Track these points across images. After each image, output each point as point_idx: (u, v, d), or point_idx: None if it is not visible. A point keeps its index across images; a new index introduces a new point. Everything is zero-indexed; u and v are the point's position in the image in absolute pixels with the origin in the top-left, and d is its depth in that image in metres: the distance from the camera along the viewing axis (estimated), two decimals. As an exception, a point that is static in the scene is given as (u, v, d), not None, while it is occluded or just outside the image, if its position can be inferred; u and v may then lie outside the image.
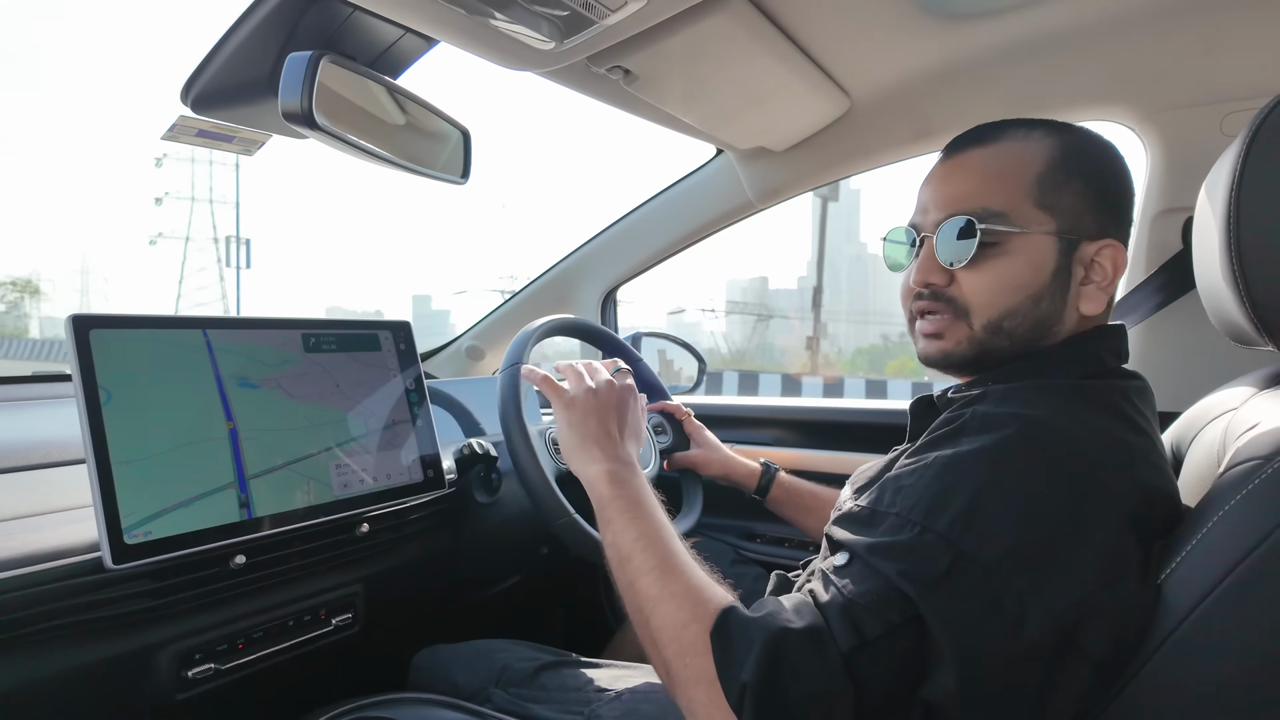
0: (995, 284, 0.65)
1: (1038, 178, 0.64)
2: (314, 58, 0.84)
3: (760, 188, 1.45)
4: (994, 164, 0.67)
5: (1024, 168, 0.65)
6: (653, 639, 0.60)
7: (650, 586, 0.62)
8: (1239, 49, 1.00)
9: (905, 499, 0.56)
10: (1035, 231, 0.64)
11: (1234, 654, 0.47)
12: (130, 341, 0.73)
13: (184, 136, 1.03)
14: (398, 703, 0.83)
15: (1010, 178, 0.65)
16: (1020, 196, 0.64)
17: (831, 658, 0.50)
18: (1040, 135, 0.66)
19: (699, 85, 1.09)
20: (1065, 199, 0.64)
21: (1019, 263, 0.64)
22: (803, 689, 0.50)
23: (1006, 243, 0.64)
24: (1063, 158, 0.65)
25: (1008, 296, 0.65)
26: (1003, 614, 0.49)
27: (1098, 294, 0.65)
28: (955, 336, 0.68)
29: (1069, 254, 0.65)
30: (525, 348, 1.08)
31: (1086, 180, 0.65)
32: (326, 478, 0.84)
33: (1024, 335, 0.66)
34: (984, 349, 0.67)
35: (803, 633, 0.51)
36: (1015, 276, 0.64)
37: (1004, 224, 0.64)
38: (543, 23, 0.82)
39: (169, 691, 0.76)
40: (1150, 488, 0.56)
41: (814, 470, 1.40)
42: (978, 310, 0.66)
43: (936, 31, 1.05)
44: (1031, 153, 0.65)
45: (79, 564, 0.67)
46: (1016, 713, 0.50)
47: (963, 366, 0.70)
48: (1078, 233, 0.64)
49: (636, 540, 0.66)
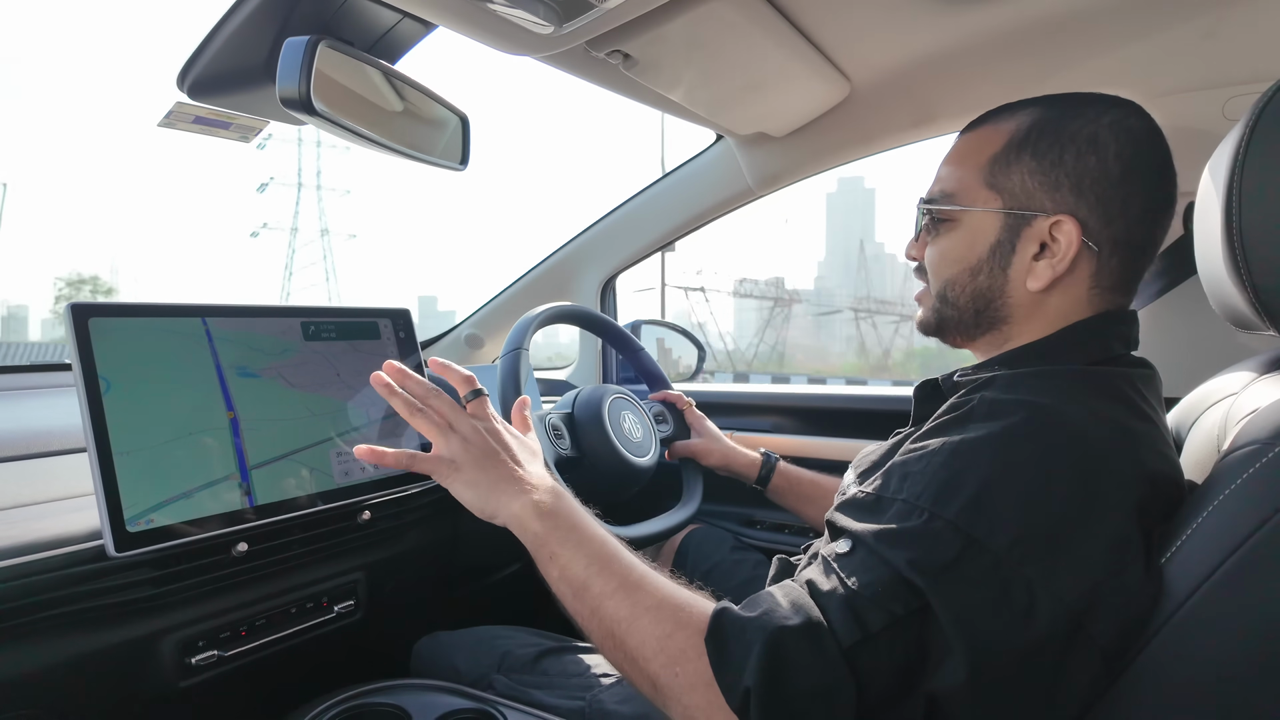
0: (938, 256, 0.72)
1: (991, 158, 0.68)
2: (311, 42, 0.83)
3: (760, 174, 1.44)
4: (965, 148, 0.71)
5: (983, 149, 0.69)
6: (631, 657, 0.57)
7: (619, 608, 0.58)
8: (1241, 33, 1.00)
9: (913, 485, 0.56)
10: (978, 209, 0.68)
11: (1234, 636, 0.47)
12: (130, 330, 0.72)
13: (180, 124, 1.02)
14: (400, 689, 0.83)
15: (968, 160, 0.70)
16: (972, 177, 0.69)
17: (830, 652, 0.50)
18: (1024, 114, 0.68)
19: (699, 70, 1.09)
20: (1014, 178, 0.66)
21: (959, 237, 0.70)
22: (804, 686, 0.49)
23: (956, 219, 0.70)
24: (1023, 137, 0.66)
25: (947, 268, 0.71)
26: (1012, 603, 0.49)
27: (1044, 270, 0.65)
28: (926, 304, 0.75)
29: (1015, 230, 0.66)
30: (526, 334, 1.08)
31: (1040, 157, 0.65)
32: (328, 466, 0.84)
33: (967, 305, 0.71)
34: (940, 315, 0.73)
35: (800, 629, 0.51)
36: (952, 250, 0.70)
37: (950, 203, 0.70)
38: (541, 6, 0.81)
39: (172, 678, 0.77)
40: (1156, 474, 0.56)
41: (813, 457, 1.41)
42: (931, 282, 0.74)
43: (937, 15, 1.04)
44: (996, 134, 0.68)
45: (81, 552, 0.68)
46: (1026, 703, 0.50)
47: (933, 332, 0.76)
48: (1029, 209, 0.66)
49: (589, 566, 0.62)
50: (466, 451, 0.69)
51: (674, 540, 1.29)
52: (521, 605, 1.44)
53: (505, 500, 0.67)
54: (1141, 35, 1.05)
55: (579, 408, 1.19)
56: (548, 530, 0.65)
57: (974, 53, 1.13)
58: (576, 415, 1.18)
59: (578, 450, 1.15)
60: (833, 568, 0.55)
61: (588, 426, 1.15)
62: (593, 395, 1.20)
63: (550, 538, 0.64)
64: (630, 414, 1.22)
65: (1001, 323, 0.70)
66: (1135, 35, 1.05)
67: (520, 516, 0.66)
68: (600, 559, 0.62)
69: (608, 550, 0.63)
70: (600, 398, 1.19)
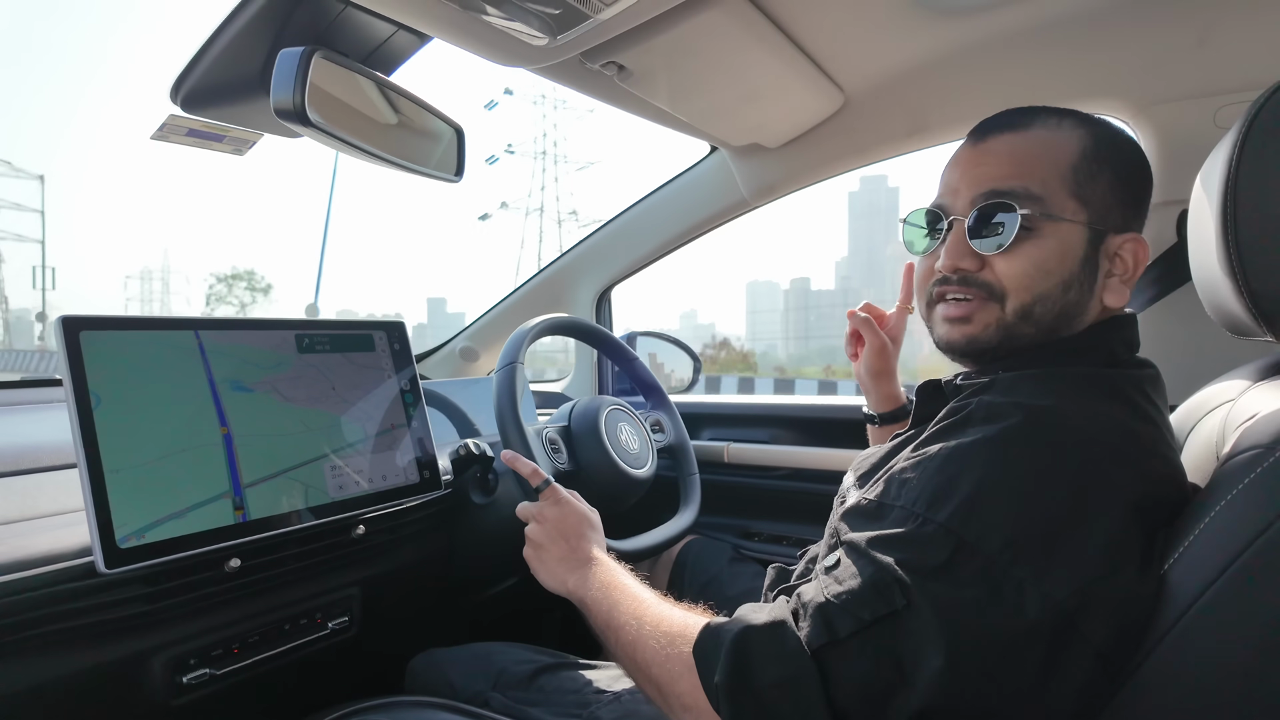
0: (1031, 267, 0.64)
1: (1072, 167, 0.64)
2: (306, 54, 0.83)
3: (755, 185, 1.45)
4: (1029, 149, 0.66)
5: (1060, 155, 0.65)
6: (650, 679, 0.63)
7: (632, 634, 0.66)
8: (1231, 41, 1.00)
9: (909, 492, 0.56)
10: (1069, 219, 0.64)
11: (1238, 642, 0.46)
12: (121, 343, 0.72)
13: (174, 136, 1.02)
14: (395, 706, 0.82)
15: (1046, 164, 0.64)
16: (1056, 183, 0.64)
17: (791, 645, 0.53)
18: (1071, 125, 0.66)
19: (693, 81, 1.09)
20: (1098, 190, 0.64)
21: (1052, 248, 0.64)
22: (767, 677, 0.53)
23: (1041, 228, 0.64)
24: (1094, 149, 0.65)
25: (1041, 281, 0.64)
26: (1002, 602, 0.49)
27: (1120, 286, 0.66)
28: (984, 320, 0.66)
29: (1096, 245, 0.65)
30: (521, 347, 1.08)
31: (1116, 173, 0.65)
32: (322, 480, 0.83)
33: (1049, 323, 0.65)
34: (1010, 334, 0.66)
35: (764, 627, 0.55)
36: (1048, 261, 0.64)
37: (1041, 209, 0.63)
38: (536, 18, 0.82)
39: (164, 697, 0.75)
40: (1157, 477, 0.56)
41: (812, 468, 1.40)
42: (1013, 293, 0.65)
43: (930, 26, 1.05)
44: (1065, 141, 0.65)
45: (71, 569, 0.67)
46: (1016, 701, 0.50)
47: (984, 353, 0.68)
48: (1105, 224, 0.65)
49: (612, 613, 0.71)
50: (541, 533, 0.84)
51: (672, 552, 1.28)
52: (518, 622, 1.43)
53: (558, 577, 0.80)
54: (1132, 44, 1.06)
55: (575, 420, 1.18)
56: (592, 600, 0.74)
57: (965, 63, 1.14)
58: (573, 428, 1.17)
59: (575, 464, 1.14)
60: (821, 579, 0.57)
61: (585, 439, 1.15)
62: (589, 407, 1.19)
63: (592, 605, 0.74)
64: (627, 425, 1.21)
65: (1055, 338, 0.66)
66: (1126, 44, 1.06)
67: (573, 590, 0.78)
68: (622, 604, 0.70)
69: (629, 594, 0.72)
70: (597, 409, 1.18)
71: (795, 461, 1.42)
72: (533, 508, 0.88)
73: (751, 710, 0.53)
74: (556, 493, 0.88)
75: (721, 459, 1.49)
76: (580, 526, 0.84)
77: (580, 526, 0.84)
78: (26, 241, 41.39)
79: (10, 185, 46.80)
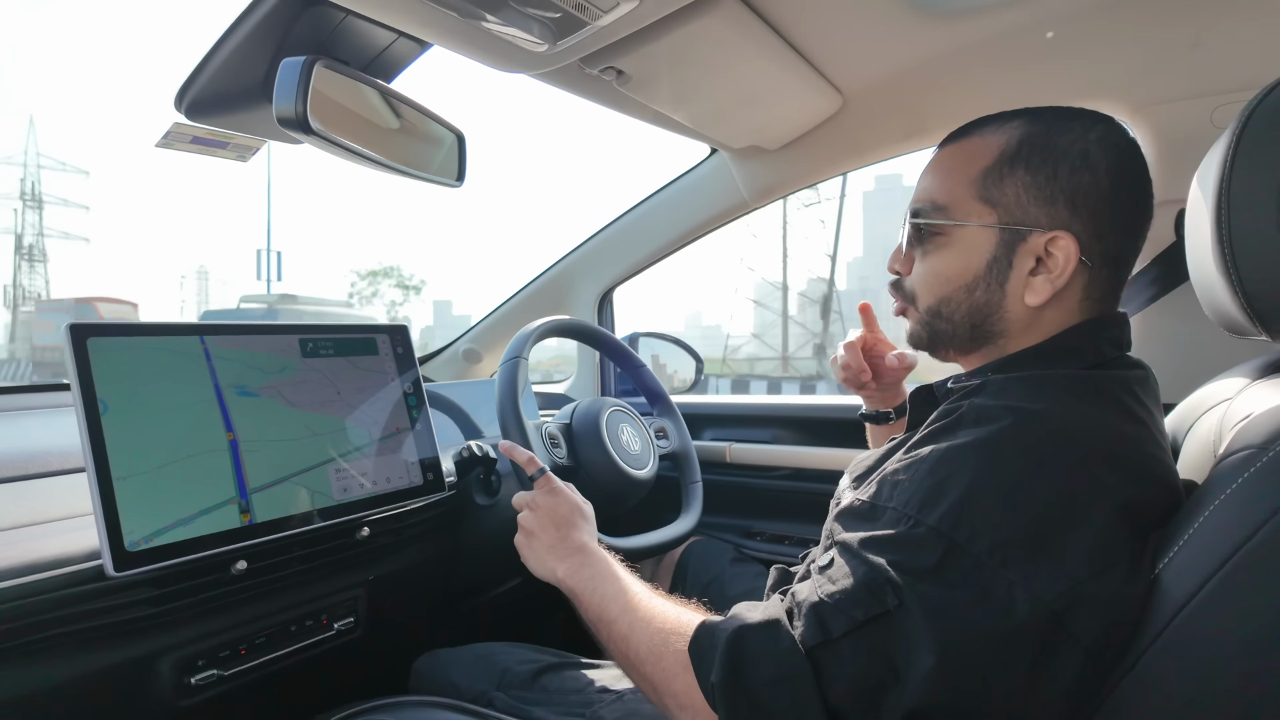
0: (931, 274, 0.70)
1: (983, 171, 0.66)
2: (308, 63, 0.84)
3: (755, 186, 1.45)
4: (950, 160, 0.69)
5: (972, 162, 0.67)
6: (644, 676, 0.64)
7: (624, 628, 0.67)
8: (1227, 42, 1.01)
9: (901, 494, 0.57)
10: (973, 224, 0.66)
11: (1232, 642, 0.47)
12: (128, 350, 0.73)
13: (178, 144, 1.03)
14: (400, 706, 0.83)
15: (958, 172, 0.68)
16: (963, 190, 0.67)
17: (785, 643, 0.54)
18: (1011, 127, 0.66)
19: (692, 85, 1.10)
20: (1008, 192, 0.65)
21: (954, 254, 0.68)
22: (763, 675, 0.54)
23: (948, 234, 0.68)
24: (1015, 150, 0.65)
25: (941, 286, 0.69)
26: (992, 603, 0.50)
27: (1043, 285, 0.64)
28: (911, 319, 0.73)
29: (1011, 245, 0.65)
30: (524, 347, 1.09)
31: (1035, 172, 0.64)
32: (327, 483, 0.84)
33: (963, 320, 0.69)
34: (934, 330, 0.71)
35: (759, 625, 0.57)
36: (948, 268, 0.68)
37: (943, 217, 0.68)
38: (535, 25, 0.82)
39: (172, 699, 0.76)
40: (1146, 478, 0.56)
41: (811, 467, 1.41)
42: (919, 297, 0.71)
43: (927, 28, 1.06)
44: (986, 146, 0.66)
45: (80, 572, 0.67)
46: (1006, 700, 0.50)
47: (924, 346, 0.74)
48: (1024, 224, 0.64)
49: (604, 604, 0.72)
50: (533, 519, 0.85)
51: (674, 553, 1.29)
52: (521, 622, 1.44)
53: (547, 566, 0.81)
54: (1130, 45, 1.06)
55: (577, 419, 1.19)
56: (582, 590, 0.75)
57: (963, 64, 1.14)
58: (575, 426, 1.18)
59: (574, 460, 1.15)
60: (815, 578, 0.58)
61: (585, 437, 1.16)
62: (591, 407, 1.20)
63: (582, 594, 0.75)
64: (629, 426, 1.22)
65: (998, 337, 0.68)
66: (1123, 45, 1.07)
67: (562, 578, 0.79)
68: (614, 597, 0.72)
69: (620, 587, 0.73)
70: (599, 409, 1.19)
71: (797, 461, 1.43)
72: (526, 496, 0.88)
73: (747, 709, 0.54)
74: (550, 481, 0.88)
75: (724, 459, 1.50)
76: (572, 516, 0.84)
77: (572, 516, 0.84)
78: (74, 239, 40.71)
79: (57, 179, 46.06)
